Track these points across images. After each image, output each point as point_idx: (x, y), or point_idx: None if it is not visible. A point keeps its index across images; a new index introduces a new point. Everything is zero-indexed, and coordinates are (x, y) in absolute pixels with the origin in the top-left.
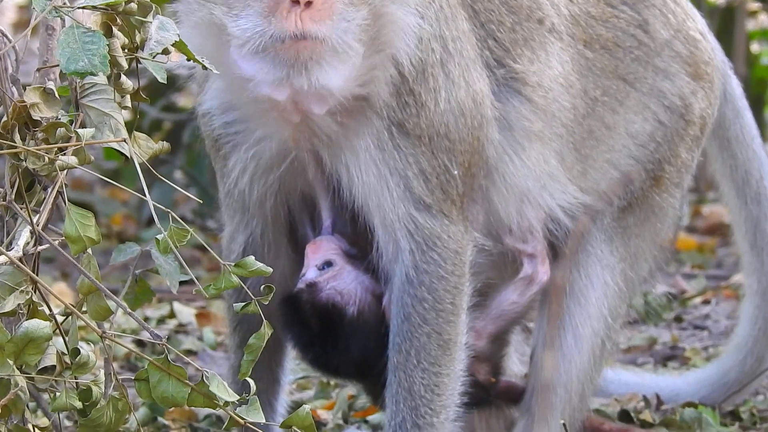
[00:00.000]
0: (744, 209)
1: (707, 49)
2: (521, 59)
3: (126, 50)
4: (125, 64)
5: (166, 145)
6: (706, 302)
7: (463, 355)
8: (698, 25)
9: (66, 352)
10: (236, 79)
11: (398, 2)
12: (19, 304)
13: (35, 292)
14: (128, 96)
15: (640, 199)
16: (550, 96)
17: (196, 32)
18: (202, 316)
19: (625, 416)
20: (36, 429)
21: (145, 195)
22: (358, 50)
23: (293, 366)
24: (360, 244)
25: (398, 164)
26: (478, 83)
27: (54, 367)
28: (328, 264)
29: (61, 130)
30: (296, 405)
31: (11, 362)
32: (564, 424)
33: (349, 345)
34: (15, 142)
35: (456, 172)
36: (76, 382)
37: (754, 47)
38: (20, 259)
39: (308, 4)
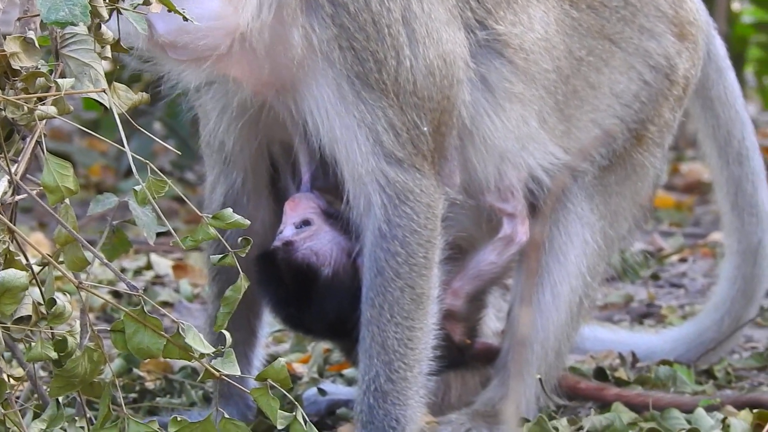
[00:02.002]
0: (726, 169)
1: (692, 9)
2: (503, 21)
3: (107, 0)
4: (106, 15)
5: (145, 96)
6: (683, 260)
7: (435, 309)
8: None
9: (42, 302)
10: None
11: None
12: None
13: (12, 241)
14: (108, 46)
15: (622, 158)
16: (531, 58)
17: None
18: (179, 267)
19: (600, 374)
20: (10, 379)
21: (123, 146)
22: None
23: (270, 319)
24: (338, 200)
25: (365, 117)
26: (449, 44)
27: (29, 317)
28: (306, 223)
29: (40, 80)
30: (272, 358)
31: None
32: (540, 380)
33: (323, 305)
34: None
35: (426, 129)
36: (52, 333)
37: (735, 5)
38: None
39: None
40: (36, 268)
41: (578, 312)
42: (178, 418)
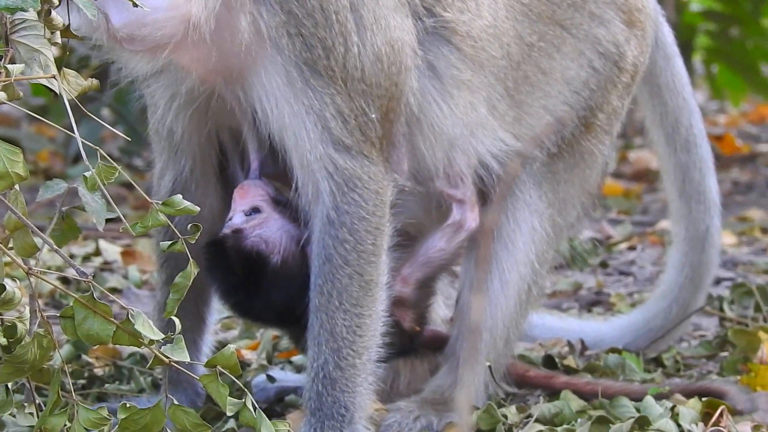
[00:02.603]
0: (673, 157)
1: None
2: (451, 8)
3: None
4: (56, 1)
5: (95, 81)
6: (632, 248)
7: (384, 296)
8: None
9: None
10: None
11: None
12: None
13: None
14: (58, 32)
15: (570, 145)
16: (479, 45)
17: None
18: (128, 254)
19: (549, 362)
20: None
21: (73, 131)
22: None
23: (218, 306)
24: (287, 187)
25: (314, 104)
26: (397, 31)
27: None
28: (255, 210)
29: None
30: (221, 345)
31: None
32: (489, 367)
33: (271, 293)
34: None
35: (374, 116)
36: (1, 319)
37: None
38: None
39: None
40: None
41: (527, 299)
42: (127, 405)
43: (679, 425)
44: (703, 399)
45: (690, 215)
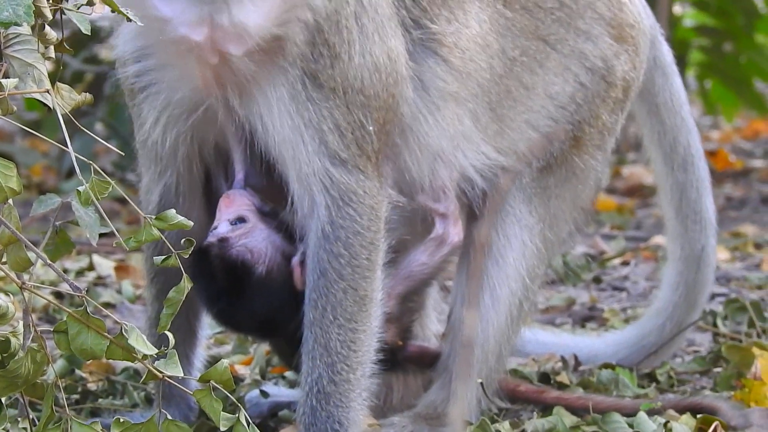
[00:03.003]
0: (671, 175)
1: (632, 12)
2: (438, 19)
3: (51, 0)
4: (50, 15)
5: (88, 96)
6: (625, 263)
7: (379, 311)
8: None
9: None
10: (152, 20)
11: None
12: None
13: None
14: (52, 47)
15: (560, 160)
16: (466, 56)
17: None
18: (121, 268)
19: (543, 378)
20: None
21: (66, 146)
22: None
23: (210, 320)
24: (273, 199)
25: (313, 117)
26: (392, 40)
27: None
28: (240, 220)
29: None
30: (214, 360)
31: None
32: (481, 384)
33: (253, 302)
34: None
35: (371, 128)
36: None
37: (677, 9)
38: None
39: None
40: None
41: (518, 315)
42: (121, 420)
43: None
44: (698, 415)
45: (686, 234)
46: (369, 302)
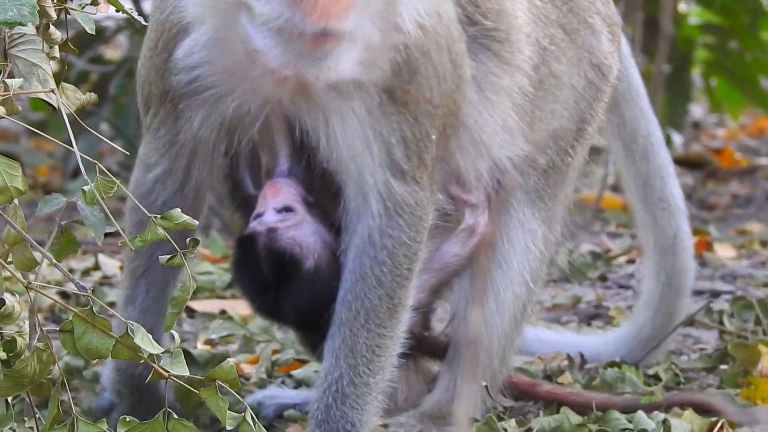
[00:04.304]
0: (633, 167)
1: (614, 9)
2: (490, 14)
3: (55, 0)
4: (54, 15)
5: (93, 96)
6: (631, 261)
7: (407, 317)
8: None
9: None
10: (239, 43)
11: None
12: None
13: None
14: (56, 47)
15: (562, 159)
16: (514, 48)
17: None
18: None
19: (548, 378)
20: None
21: (72, 146)
22: (376, 36)
23: (217, 325)
24: (313, 192)
25: (384, 130)
26: (458, 44)
27: None
28: (287, 209)
29: None
30: (221, 358)
31: None
32: (486, 387)
33: (300, 297)
34: None
35: (434, 137)
36: (0, 333)
37: (681, 7)
38: None
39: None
40: None
41: (522, 317)
42: (127, 419)
43: None
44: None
45: (656, 224)
46: (401, 309)
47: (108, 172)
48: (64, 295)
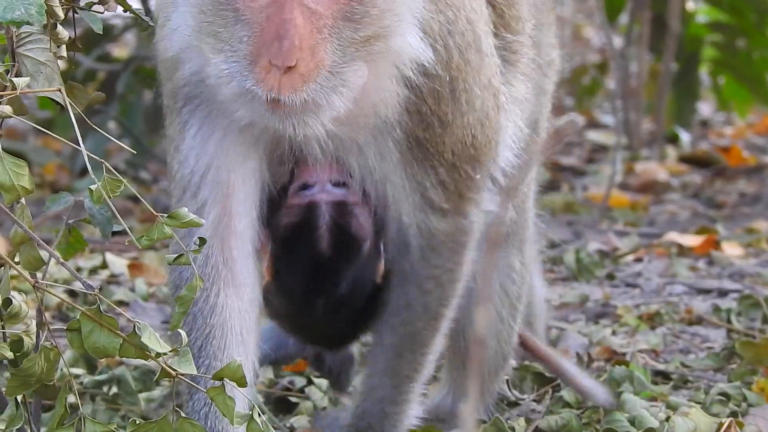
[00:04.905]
0: None
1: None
2: (512, 24)
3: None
4: (62, 14)
5: (101, 94)
6: (639, 260)
7: (447, 326)
8: None
9: None
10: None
11: (397, 34)
12: None
13: None
14: (64, 46)
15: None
16: (527, 58)
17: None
18: (134, 266)
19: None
20: None
21: (79, 145)
22: (348, 96)
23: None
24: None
25: (416, 174)
26: (495, 78)
27: None
28: (343, 185)
29: None
30: None
31: None
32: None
33: (346, 281)
34: None
35: (478, 176)
36: (3, 332)
37: (689, 5)
38: None
39: (289, 68)
40: None
41: (509, 340)
42: (137, 421)
43: None
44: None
45: None
46: (444, 324)
47: (115, 171)
48: (72, 293)
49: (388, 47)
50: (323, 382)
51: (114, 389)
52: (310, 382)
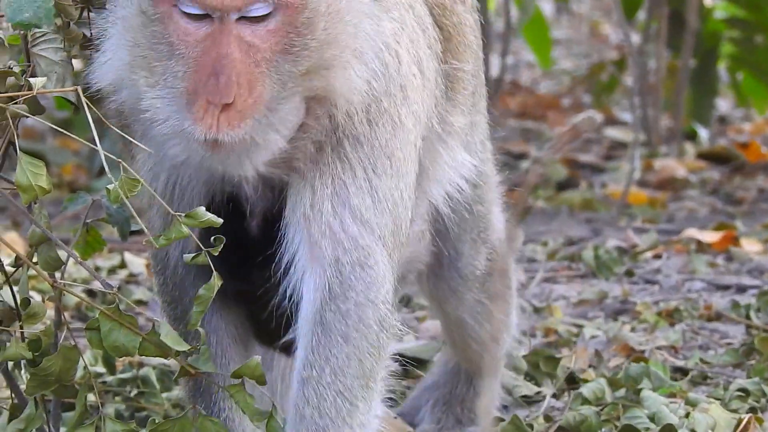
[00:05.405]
0: None
1: None
2: (459, 47)
3: None
4: (75, 13)
5: None
6: (657, 256)
7: None
8: None
9: (15, 302)
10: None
11: (338, 68)
12: None
13: None
14: (77, 45)
15: None
16: (468, 89)
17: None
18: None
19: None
20: None
21: (96, 145)
22: (284, 134)
23: None
24: None
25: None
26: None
27: (0, 321)
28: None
29: (10, 79)
30: None
31: None
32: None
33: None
34: None
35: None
36: (22, 332)
37: (707, 1)
38: None
39: (226, 105)
40: (10, 269)
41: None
42: (156, 420)
43: None
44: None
45: None
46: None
47: (132, 171)
48: (91, 293)
49: (328, 82)
50: None
51: (135, 389)
52: None
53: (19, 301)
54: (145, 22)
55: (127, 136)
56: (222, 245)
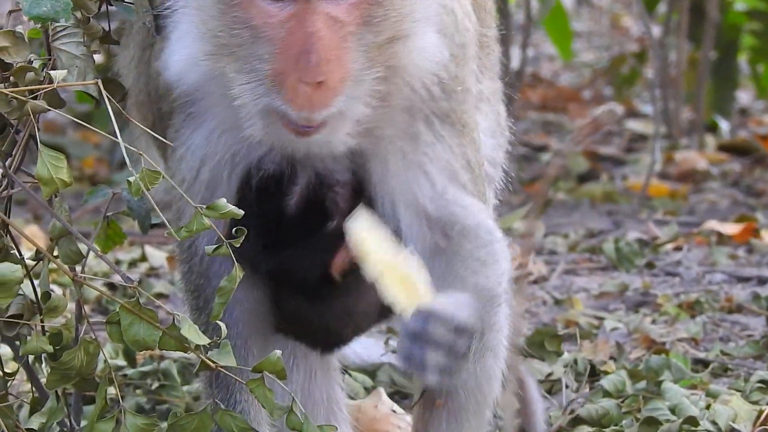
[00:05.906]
0: None
1: None
2: (482, 16)
3: None
4: (94, 8)
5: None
6: (678, 249)
7: None
8: None
9: (35, 296)
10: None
11: (416, 35)
12: None
13: (6, 235)
14: (97, 39)
15: None
16: (494, 54)
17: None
18: (174, 259)
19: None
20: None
21: (117, 138)
22: (370, 105)
23: None
24: None
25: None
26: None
27: (21, 315)
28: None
29: (30, 74)
30: None
31: None
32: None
33: (288, 247)
34: None
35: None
36: (43, 326)
37: None
38: None
39: (318, 84)
40: (31, 262)
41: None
42: (178, 414)
43: (730, 425)
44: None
45: None
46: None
47: (153, 164)
48: (111, 286)
49: (408, 48)
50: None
51: (156, 382)
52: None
53: (39, 295)
54: (223, 9)
55: (150, 131)
56: (243, 236)
